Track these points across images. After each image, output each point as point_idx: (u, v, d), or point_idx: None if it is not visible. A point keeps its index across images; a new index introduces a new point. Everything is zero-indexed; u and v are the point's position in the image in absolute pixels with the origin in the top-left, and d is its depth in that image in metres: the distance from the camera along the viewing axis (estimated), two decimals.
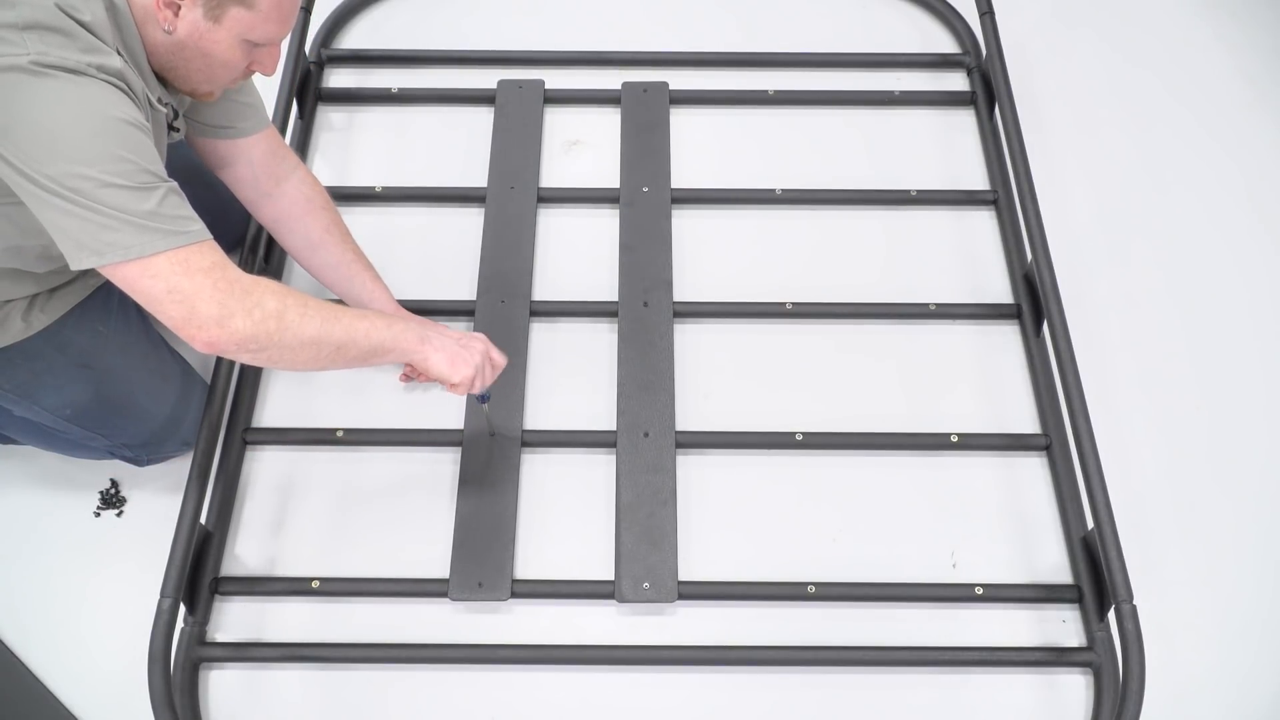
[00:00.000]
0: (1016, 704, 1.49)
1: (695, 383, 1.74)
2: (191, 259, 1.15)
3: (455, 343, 1.41)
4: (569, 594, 1.55)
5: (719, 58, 2.16)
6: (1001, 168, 1.97)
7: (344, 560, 1.57)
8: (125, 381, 1.51)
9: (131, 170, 1.12)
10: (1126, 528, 1.50)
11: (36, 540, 1.60)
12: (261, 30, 1.23)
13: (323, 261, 1.59)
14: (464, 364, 1.39)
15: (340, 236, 1.60)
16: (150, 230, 1.12)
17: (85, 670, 1.50)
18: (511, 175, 1.94)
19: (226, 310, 1.16)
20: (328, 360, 1.28)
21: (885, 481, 1.66)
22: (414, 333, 1.37)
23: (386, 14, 2.24)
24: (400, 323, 1.37)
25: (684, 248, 1.88)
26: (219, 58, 1.24)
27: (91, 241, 1.11)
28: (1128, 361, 1.80)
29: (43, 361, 1.41)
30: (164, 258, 1.14)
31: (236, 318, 1.17)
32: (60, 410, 1.46)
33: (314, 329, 1.24)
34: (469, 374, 1.40)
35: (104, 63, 1.13)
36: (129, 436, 1.55)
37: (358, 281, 1.60)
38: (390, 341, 1.33)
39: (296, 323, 1.22)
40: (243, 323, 1.18)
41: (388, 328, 1.33)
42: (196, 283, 1.15)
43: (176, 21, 1.19)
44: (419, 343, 1.36)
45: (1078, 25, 2.29)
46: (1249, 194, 2.03)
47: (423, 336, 1.37)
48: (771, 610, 1.55)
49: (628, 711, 1.48)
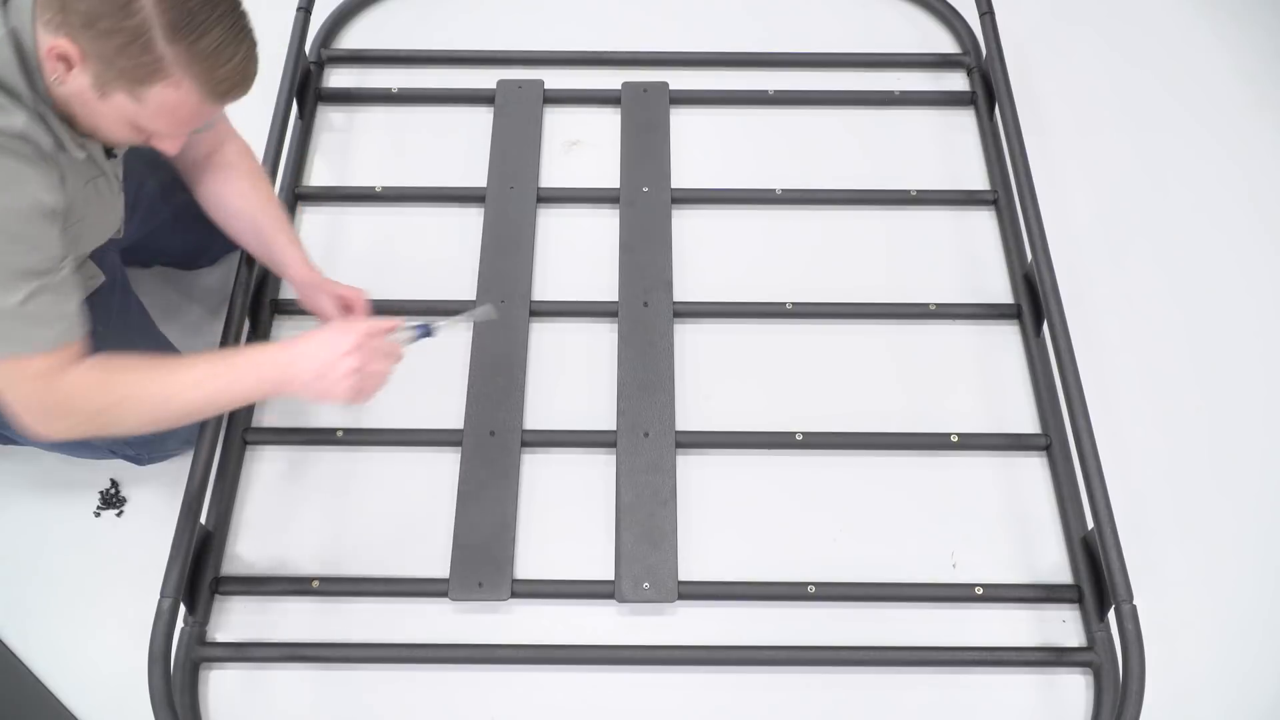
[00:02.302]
0: (1016, 704, 1.49)
1: (695, 383, 1.74)
2: (26, 367, 1.15)
3: (319, 363, 1.26)
4: (569, 594, 1.55)
5: (719, 58, 2.16)
6: (1001, 168, 1.97)
7: (344, 560, 1.57)
8: None
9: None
10: (1126, 528, 1.50)
11: (37, 540, 1.60)
12: (151, 124, 1.15)
13: (236, 230, 1.54)
14: (333, 386, 1.26)
15: (259, 202, 1.53)
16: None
17: (85, 670, 1.50)
18: (511, 175, 1.94)
19: (47, 419, 1.19)
20: (179, 422, 1.27)
21: (885, 481, 1.66)
22: (268, 379, 1.27)
23: (386, 14, 2.24)
24: (252, 371, 1.26)
25: (684, 248, 1.88)
26: (106, 128, 1.17)
27: None
28: (1128, 361, 1.80)
29: None
30: (3, 364, 1.14)
31: (56, 423, 1.20)
32: None
33: (139, 415, 1.23)
34: (344, 395, 1.26)
35: (6, 124, 1.07)
36: (129, 436, 1.54)
37: (275, 247, 1.54)
38: (241, 398, 1.29)
39: (117, 417, 1.22)
40: (62, 425, 1.20)
41: (230, 385, 1.25)
42: (23, 391, 1.17)
43: (67, 78, 1.10)
44: (281, 384, 1.27)
45: (1078, 25, 2.29)
46: (1249, 194, 2.03)
47: (281, 379, 1.27)
48: (771, 610, 1.55)
49: (628, 711, 1.48)
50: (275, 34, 2.00)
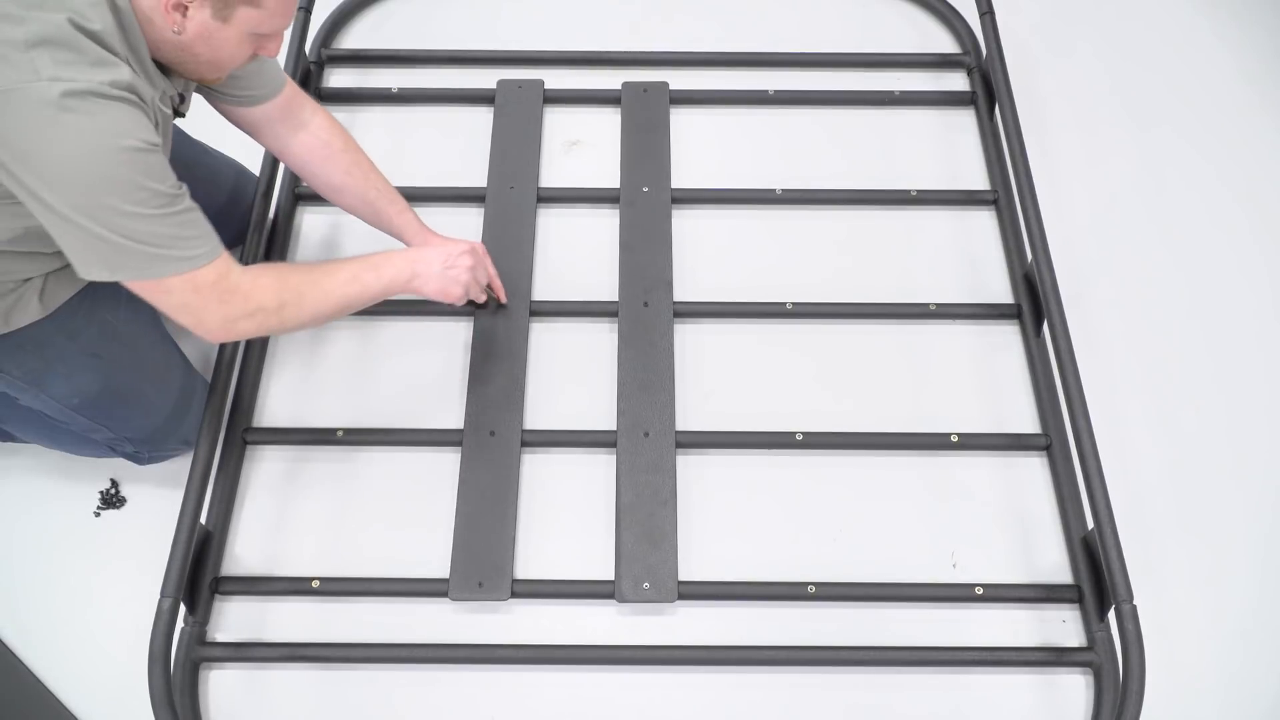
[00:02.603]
0: (1016, 704, 1.49)
1: (695, 383, 1.74)
2: (199, 278, 1.24)
3: (441, 266, 1.51)
4: (569, 594, 1.55)
5: (719, 58, 2.16)
6: (1001, 168, 1.97)
7: (344, 560, 1.57)
8: (132, 372, 1.52)
9: (148, 197, 1.16)
10: (1126, 528, 1.51)
11: (37, 540, 1.60)
12: (269, 24, 1.26)
13: (348, 203, 1.67)
14: (452, 285, 1.52)
15: (362, 176, 1.64)
16: (161, 258, 1.20)
17: (85, 670, 1.50)
18: (511, 175, 1.94)
19: (229, 319, 1.29)
20: (332, 318, 1.42)
21: (885, 481, 1.66)
22: (405, 272, 1.47)
23: (386, 14, 2.24)
24: (390, 266, 1.46)
25: (684, 248, 1.88)
26: (227, 53, 1.27)
27: (107, 261, 1.18)
28: (1128, 361, 1.80)
29: (54, 349, 1.43)
30: (175, 278, 1.22)
31: (239, 323, 1.30)
32: (68, 399, 1.46)
33: (311, 309, 1.37)
34: (459, 293, 1.53)
35: (115, 78, 1.14)
36: (133, 430, 1.55)
37: (384, 217, 1.67)
38: (383, 290, 1.45)
39: (295, 311, 1.35)
40: (246, 324, 1.31)
41: (378, 278, 1.44)
42: (204, 298, 1.26)
43: (185, 22, 1.20)
44: (409, 281, 1.48)
45: (1078, 25, 2.29)
46: (1250, 194, 2.03)
47: (412, 273, 1.48)
48: (771, 610, 1.55)
49: (628, 711, 1.48)
50: None
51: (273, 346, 1.77)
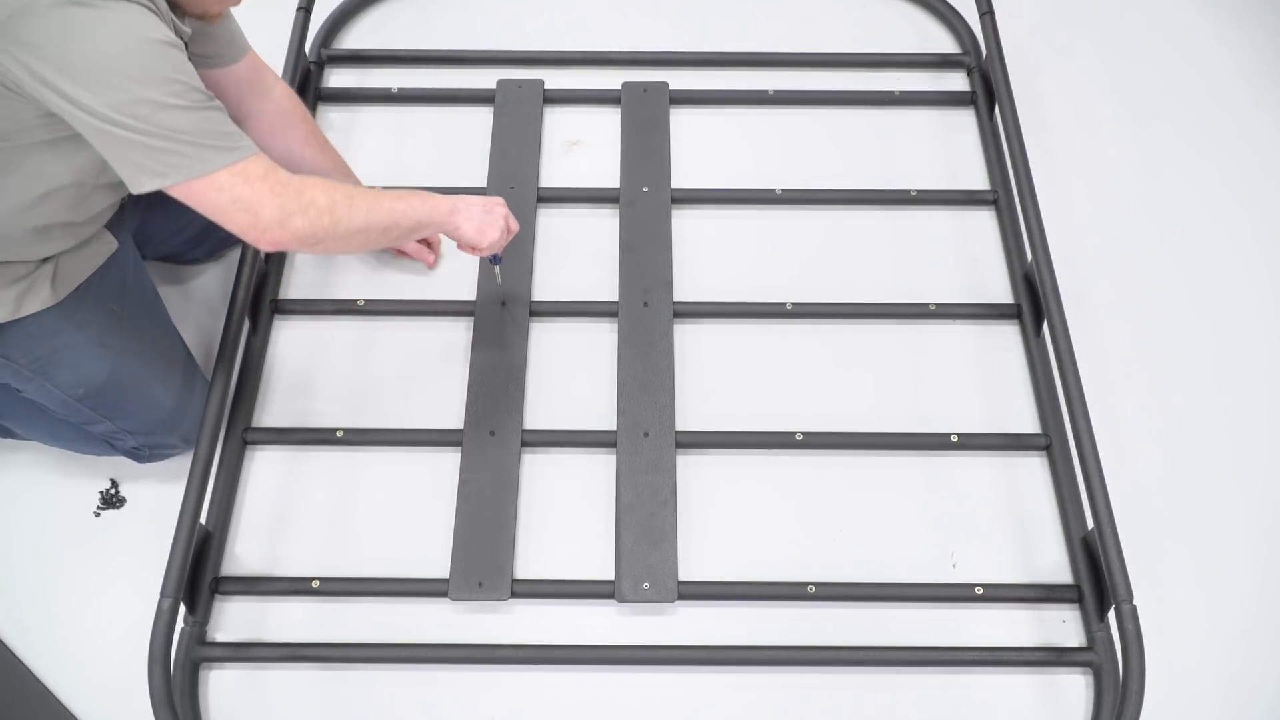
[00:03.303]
0: (1016, 704, 1.49)
1: (695, 383, 1.74)
2: (249, 169, 1.24)
3: (482, 210, 1.52)
4: (569, 594, 1.55)
5: (719, 58, 2.16)
6: (1001, 168, 1.97)
7: (344, 560, 1.57)
8: (138, 363, 1.53)
9: (183, 89, 1.18)
10: (1126, 528, 1.51)
11: (37, 540, 1.60)
12: None
13: (306, 171, 1.66)
14: (490, 228, 1.52)
15: (319, 148, 1.72)
16: (209, 149, 1.20)
17: (85, 670, 1.50)
18: (511, 175, 1.94)
19: (285, 211, 1.27)
20: (375, 242, 1.41)
21: (885, 481, 1.66)
22: (446, 205, 1.48)
23: (386, 14, 2.24)
24: (432, 198, 1.47)
25: (684, 248, 1.88)
26: None
27: (155, 165, 1.18)
28: (1128, 361, 1.80)
29: (62, 338, 1.44)
30: (225, 172, 1.22)
31: (295, 217, 1.28)
32: (73, 389, 1.47)
33: (361, 218, 1.35)
34: (495, 237, 1.53)
35: None
36: (135, 423, 1.55)
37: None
38: (426, 217, 1.45)
39: (346, 215, 1.33)
40: (300, 221, 1.28)
41: (422, 205, 1.45)
42: (257, 191, 1.25)
43: None
44: (450, 214, 1.49)
45: (1078, 25, 2.29)
46: (1250, 194, 2.03)
47: (452, 208, 1.49)
48: (771, 610, 1.55)
49: (628, 711, 1.48)
50: (275, 34, 2.00)
51: (273, 347, 1.77)
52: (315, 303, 1.81)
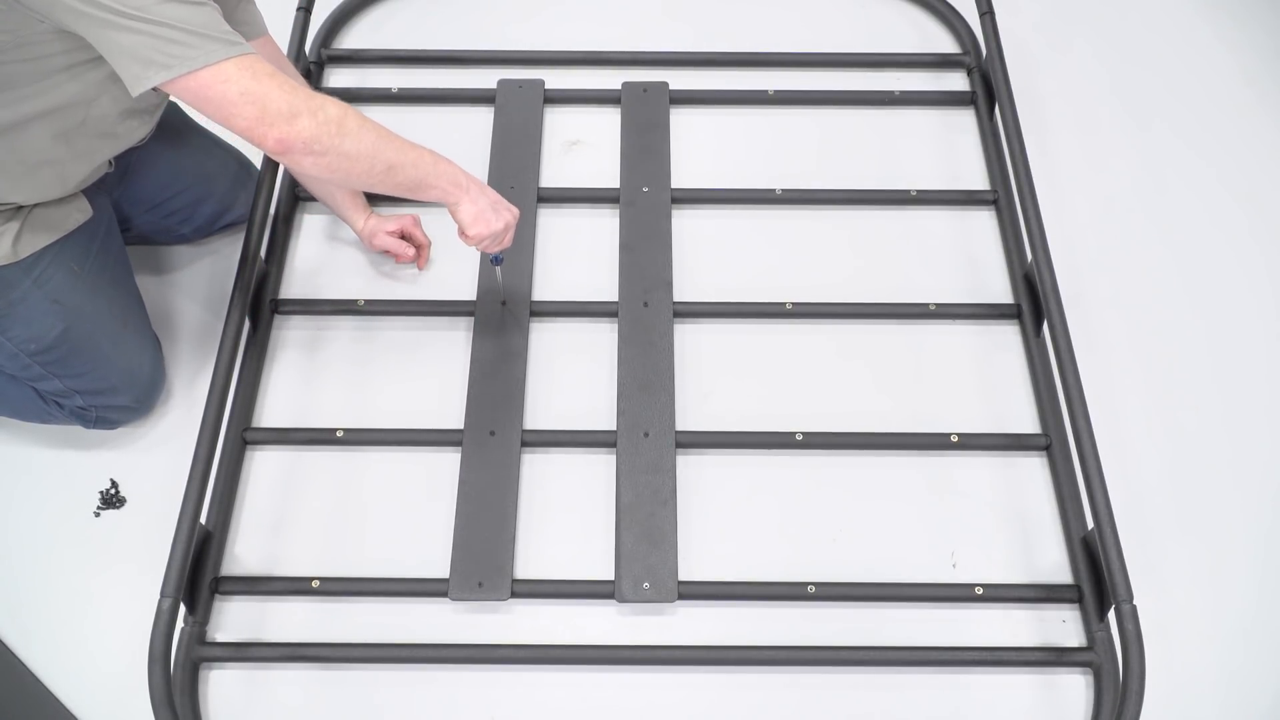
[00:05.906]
0: (1016, 704, 1.49)
1: (695, 383, 1.74)
2: (256, 64, 1.23)
3: (489, 203, 1.49)
4: (569, 594, 1.55)
5: (719, 58, 2.16)
6: (1001, 168, 1.97)
7: (344, 560, 1.57)
8: (92, 322, 1.54)
9: None
10: (1126, 528, 1.51)
11: (36, 540, 1.60)
12: None
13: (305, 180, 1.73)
14: (485, 223, 1.48)
15: None
16: (214, 40, 1.19)
17: (85, 670, 1.50)
18: (511, 175, 1.94)
19: (294, 108, 1.24)
20: (378, 178, 1.35)
21: (885, 481, 1.66)
22: (457, 178, 1.45)
23: (386, 14, 2.24)
24: (448, 165, 1.44)
25: (684, 248, 1.88)
26: None
27: (159, 57, 1.17)
28: (1128, 361, 1.80)
29: (18, 292, 1.45)
30: (232, 63, 1.20)
31: (303, 116, 1.24)
32: (26, 344, 1.48)
33: (370, 141, 1.32)
34: (484, 232, 1.48)
35: None
36: (84, 383, 1.56)
37: (339, 195, 1.76)
38: (434, 178, 1.41)
39: (355, 131, 1.30)
40: (308, 122, 1.25)
41: (434, 165, 1.41)
42: (265, 85, 1.22)
43: None
44: (455, 186, 1.44)
45: (1078, 25, 2.29)
46: (1250, 194, 2.03)
47: (461, 184, 1.45)
48: (771, 610, 1.55)
49: (628, 711, 1.48)
50: (275, 34, 1.99)
51: (273, 347, 1.77)
52: (315, 303, 1.81)
